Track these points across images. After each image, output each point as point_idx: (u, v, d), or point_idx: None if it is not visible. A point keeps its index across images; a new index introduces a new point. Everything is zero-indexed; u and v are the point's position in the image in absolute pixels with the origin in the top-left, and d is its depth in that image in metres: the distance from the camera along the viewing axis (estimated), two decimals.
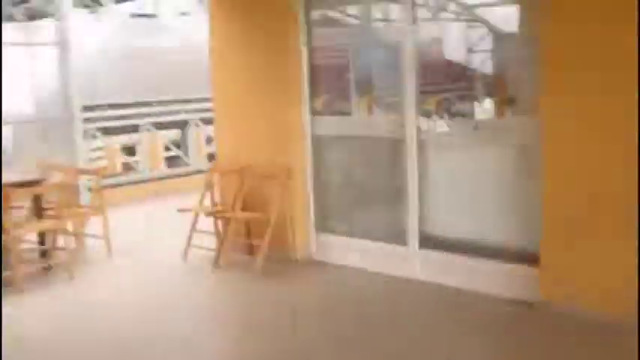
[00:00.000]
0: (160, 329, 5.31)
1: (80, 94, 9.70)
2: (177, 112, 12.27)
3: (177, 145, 12.74)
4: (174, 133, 12.82)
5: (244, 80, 6.90)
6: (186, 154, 12.65)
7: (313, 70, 6.47)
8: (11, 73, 9.42)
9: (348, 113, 6.38)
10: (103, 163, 10.88)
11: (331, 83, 6.55)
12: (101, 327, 5.43)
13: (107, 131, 11.26)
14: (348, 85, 6.29)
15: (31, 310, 5.91)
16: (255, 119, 6.85)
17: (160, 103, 12.06)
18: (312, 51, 6.46)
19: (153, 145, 12.07)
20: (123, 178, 10.95)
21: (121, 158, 11.84)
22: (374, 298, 5.74)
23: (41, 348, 5.06)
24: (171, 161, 12.39)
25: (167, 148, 12.43)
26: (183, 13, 12.55)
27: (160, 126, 12.17)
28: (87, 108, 10.12)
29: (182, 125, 12.79)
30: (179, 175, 10.96)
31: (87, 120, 10.10)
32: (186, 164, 12.12)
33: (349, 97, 6.32)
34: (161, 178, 10.95)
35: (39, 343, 5.15)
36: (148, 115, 11.69)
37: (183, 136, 12.98)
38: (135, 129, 11.81)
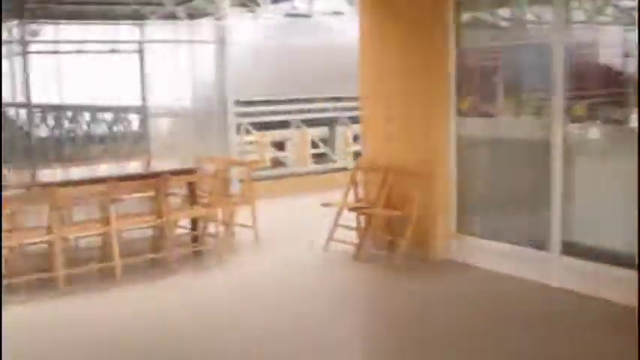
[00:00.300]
0: (298, 314, 5.54)
1: (235, 90, 10.17)
2: (327, 109, 12.56)
3: (325, 143, 13.04)
4: (322, 131, 13.12)
5: (392, 80, 7.03)
6: (332, 151, 12.93)
7: (461, 71, 6.50)
8: (172, 68, 10.02)
9: (493, 115, 6.36)
10: (254, 156, 11.30)
11: (478, 85, 6.55)
12: (244, 308, 5.74)
13: (259, 126, 11.69)
14: (495, 87, 6.27)
15: (182, 289, 6.31)
16: (400, 119, 6.96)
17: (311, 100, 12.38)
18: (460, 52, 6.49)
19: (302, 141, 12.42)
20: (272, 172, 11.36)
21: (271, 153, 12.24)
22: (509, 300, 5.71)
23: (189, 320, 5.42)
24: (318, 158, 12.70)
25: (315, 145, 12.75)
26: (337, 13, 12.82)
27: (310, 123, 12.50)
28: (240, 103, 10.57)
29: (330, 123, 13.08)
30: (325, 172, 11.23)
31: (240, 115, 10.55)
32: (333, 161, 12.39)
33: (496, 99, 6.30)
34: (308, 174, 11.26)
35: (187, 318, 5.51)
36: (299, 112, 12.03)
37: (331, 133, 13.26)
38: (285, 125, 12.19)
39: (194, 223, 7.48)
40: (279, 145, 12.70)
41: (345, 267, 6.83)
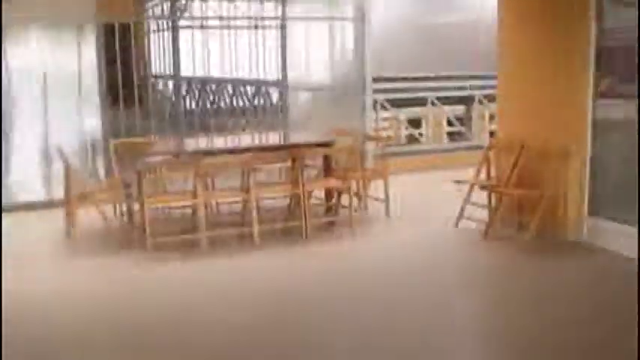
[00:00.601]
0: (425, 287, 5.73)
1: (373, 67, 10.35)
2: (464, 88, 12.52)
3: (461, 121, 13.01)
4: (458, 109, 13.09)
5: (529, 59, 7.01)
6: (468, 129, 12.89)
7: (601, 51, 6.40)
8: (312, 45, 10.32)
9: (632, 97, 6.22)
10: (389, 132, 11.47)
11: (618, 66, 6.42)
12: (373, 278, 5.98)
13: (395, 103, 11.82)
14: (636, 69, 6.11)
15: (314, 257, 6.62)
16: (536, 98, 6.94)
17: (448, 78, 12.38)
18: (601, 31, 6.38)
19: (437, 119, 12.46)
20: (406, 149, 11.50)
21: (407, 130, 12.36)
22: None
23: (319, 287, 5.71)
24: (453, 136, 12.70)
25: (450, 123, 12.76)
26: None
27: (446, 101, 12.50)
28: (378, 80, 10.73)
29: (467, 101, 13.02)
30: (460, 150, 11.25)
31: (377, 91, 10.72)
32: (468, 139, 12.37)
33: (635, 80, 6.14)
34: (443, 151, 11.33)
35: (317, 285, 5.81)
36: (435, 89, 12.05)
37: (467, 112, 13.20)
38: (422, 102, 12.25)
39: (328, 194, 7.76)
40: (415, 123, 12.78)
41: (473, 245, 6.91)
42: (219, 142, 8.39)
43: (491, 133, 10.71)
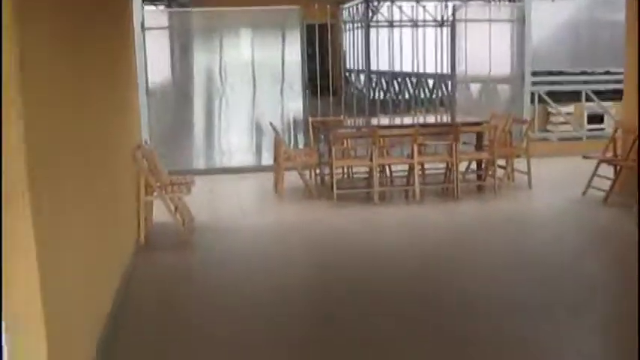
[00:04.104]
0: (553, 241, 7.35)
1: (533, 62, 11.94)
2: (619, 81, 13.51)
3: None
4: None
5: None
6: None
7: None
8: (479, 43, 12.06)
9: None
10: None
11: None
12: (511, 233, 7.72)
13: (552, 96, 12.96)
14: None
15: (462, 212, 8.52)
16: None
17: (605, 73, 13.34)
18: None
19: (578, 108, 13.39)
20: (551, 134, 12.77)
21: (559, 118, 13.37)
22: None
23: (464, 236, 7.62)
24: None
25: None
26: None
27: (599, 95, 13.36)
28: (538, 74, 12.26)
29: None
30: (601, 137, 12.30)
31: (536, 83, 12.24)
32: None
33: None
34: (585, 138, 12.50)
35: (462, 234, 7.72)
36: (590, 82, 13.06)
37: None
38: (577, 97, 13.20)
39: (479, 165, 9.54)
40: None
41: (593, 208, 8.42)
42: (395, 121, 10.43)
43: None
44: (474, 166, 9.71)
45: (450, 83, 12.38)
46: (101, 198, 5.02)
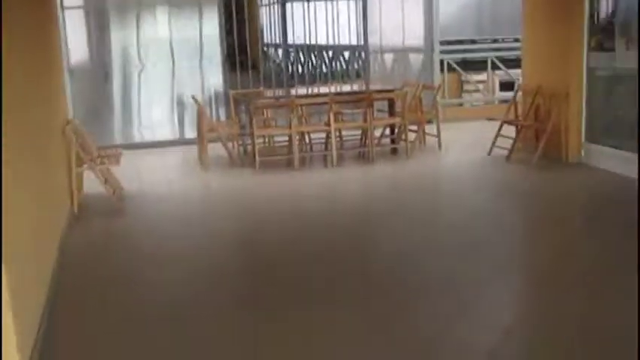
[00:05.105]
0: (460, 193, 8.13)
1: (441, 31, 12.60)
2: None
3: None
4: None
5: (540, 23, 9.15)
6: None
7: (591, 15, 8.49)
8: (391, 15, 12.64)
9: (612, 49, 8.29)
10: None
11: (602, 26, 8.46)
12: (417, 183, 8.42)
13: (467, 64, 13.65)
14: (614, 28, 8.18)
15: (378, 172, 9.11)
16: (546, 54, 9.07)
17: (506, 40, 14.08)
18: (591, 4, 8.47)
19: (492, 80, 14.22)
20: (462, 100, 13.51)
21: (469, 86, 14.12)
22: (610, 191, 7.75)
23: (381, 191, 8.23)
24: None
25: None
26: None
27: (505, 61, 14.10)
28: (445, 42, 12.95)
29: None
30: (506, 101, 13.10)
31: (444, 52, 12.91)
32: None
33: (614, 37, 8.21)
34: (493, 103, 13.30)
35: (379, 192, 8.32)
36: (495, 50, 13.80)
37: None
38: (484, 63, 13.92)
39: (392, 130, 10.15)
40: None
41: (499, 165, 9.12)
42: (311, 90, 10.94)
43: None
44: (388, 132, 10.31)
45: (364, 54, 12.94)
46: (35, 171, 5.35)
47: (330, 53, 15.24)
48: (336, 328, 4.40)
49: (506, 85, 13.22)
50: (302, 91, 11.41)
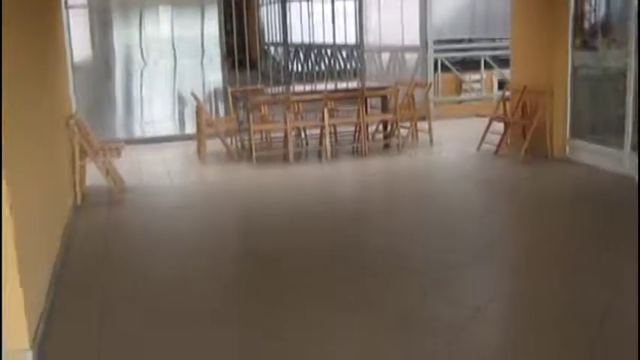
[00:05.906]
0: (453, 185, 8.47)
1: (435, 31, 12.93)
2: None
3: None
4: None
5: (527, 24, 9.48)
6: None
7: (576, 17, 8.81)
8: (390, 15, 12.97)
9: (596, 49, 8.62)
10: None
11: (586, 26, 8.79)
12: (414, 180, 8.78)
13: (464, 64, 13.99)
14: (597, 29, 8.51)
15: (372, 166, 9.45)
16: (534, 52, 9.40)
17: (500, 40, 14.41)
18: (576, 5, 8.79)
19: (488, 78, 14.56)
20: (457, 98, 13.84)
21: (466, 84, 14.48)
22: (593, 184, 8.07)
23: (378, 184, 8.59)
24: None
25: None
26: None
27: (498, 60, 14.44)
28: (439, 42, 13.27)
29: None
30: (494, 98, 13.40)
31: (438, 51, 13.23)
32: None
33: (597, 37, 8.54)
34: (487, 99, 13.61)
35: (375, 184, 8.68)
36: (490, 49, 14.14)
37: None
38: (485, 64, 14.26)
39: (385, 126, 10.48)
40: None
41: (486, 160, 9.44)
42: (307, 88, 11.28)
43: None
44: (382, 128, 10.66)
45: (359, 53, 13.29)
46: (42, 163, 5.70)
47: (329, 52, 15.61)
48: (331, 301, 4.84)
49: (505, 84, 13.56)
50: (299, 88, 11.76)
